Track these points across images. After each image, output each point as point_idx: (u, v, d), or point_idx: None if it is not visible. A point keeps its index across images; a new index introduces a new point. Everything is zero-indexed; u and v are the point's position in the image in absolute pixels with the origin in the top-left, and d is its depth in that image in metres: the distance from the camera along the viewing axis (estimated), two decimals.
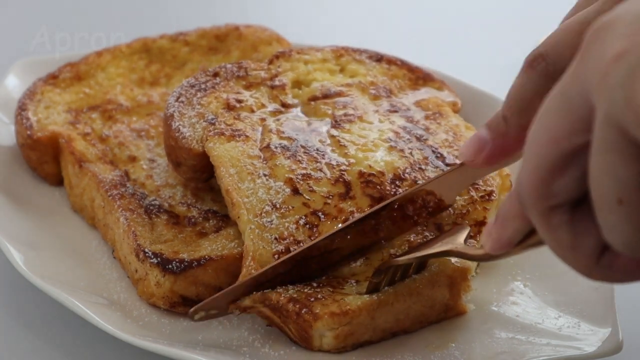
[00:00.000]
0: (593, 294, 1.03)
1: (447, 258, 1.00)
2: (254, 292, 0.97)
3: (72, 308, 1.00)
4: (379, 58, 1.24)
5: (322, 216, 1.02)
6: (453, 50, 1.57)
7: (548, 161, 0.70)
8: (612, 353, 0.96)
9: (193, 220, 1.08)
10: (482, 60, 1.55)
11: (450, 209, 1.04)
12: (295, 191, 1.03)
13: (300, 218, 1.01)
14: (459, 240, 0.95)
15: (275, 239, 1.00)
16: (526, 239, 0.78)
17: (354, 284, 0.99)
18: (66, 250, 1.11)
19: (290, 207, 1.02)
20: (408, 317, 0.99)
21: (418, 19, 1.68)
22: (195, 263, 1.03)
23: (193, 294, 1.03)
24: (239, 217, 1.01)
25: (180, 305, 1.03)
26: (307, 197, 1.02)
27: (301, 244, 0.99)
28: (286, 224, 1.01)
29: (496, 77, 1.50)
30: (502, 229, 0.79)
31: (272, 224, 1.00)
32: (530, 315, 1.03)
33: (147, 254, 1.03)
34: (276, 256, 0.98)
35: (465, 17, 1.68)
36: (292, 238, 1.00)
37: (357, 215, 1.01)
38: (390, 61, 1.23)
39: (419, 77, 1.23)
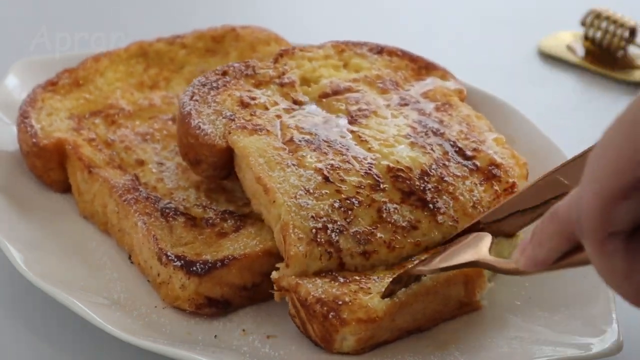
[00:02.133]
0: (593, 294, 1.03)
1: None
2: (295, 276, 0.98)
3: (72, 308, 1.00)
4: (379, 50, 1.24)
5: (356, 202, 1.03)
6: (453, 50, 1.57)
7: (610, 190, 0.70)
8: (612, 353, 0.96)
9: (211, 221, 1.08)
10: (482, 60, 1.55)
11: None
12: (327, 179, 1.04)
13: (335, 201, 1.02)
14: (483, 249, 0.95)
15: (312, 217, 1.01)
16: (562, 258, 0.77)
17: (377, 280, 0.99)
18: (66, 250, 1.11)
19: (323, 192, 1.03)
20: (424, 316, 1.00)
21: (418, 20, 1.68)
22: (219, 263, 1.03)
23: (218, 294, 1.03)
24: (274, 202, 1.02)
25: (206, 307, 1.03)
26: (339, 185, 1.04)
27: (337, 223, 1.01)
28: (322, 205, 1.02)
29: (496, 77, 1.50)
30: (538, 248, 0.79)
31: (308, 205, 1.01)
32: (530, 315, 1.03)
33: (170, 258, 1.03)
34: (313, 231, 0.99)
35: (465, 17, 1.68)
36: (328, 218, 1.01)
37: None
38: (391, 52, 1.24)
39: (422, 67, 1.23)
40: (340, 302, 0.96)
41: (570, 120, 1.42)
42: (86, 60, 1.27)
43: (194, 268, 1.02)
